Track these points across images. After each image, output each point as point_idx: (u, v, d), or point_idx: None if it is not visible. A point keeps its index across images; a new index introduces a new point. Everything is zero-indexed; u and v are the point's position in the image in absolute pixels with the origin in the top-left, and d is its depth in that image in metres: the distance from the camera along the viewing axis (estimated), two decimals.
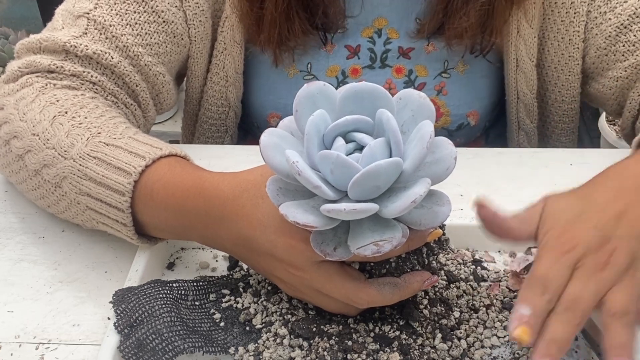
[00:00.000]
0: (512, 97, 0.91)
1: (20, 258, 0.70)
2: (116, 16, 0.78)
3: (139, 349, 0.56)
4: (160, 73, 0.82)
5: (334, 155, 0.47)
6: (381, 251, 0.49)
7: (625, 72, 0.83)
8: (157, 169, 0.63)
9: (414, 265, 0.56)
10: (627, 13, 0.82)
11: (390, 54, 0.88)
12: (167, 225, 0.63)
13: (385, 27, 0.86)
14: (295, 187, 0.52)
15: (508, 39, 0.86)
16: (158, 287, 0.61)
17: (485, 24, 0.82)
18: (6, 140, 0.71)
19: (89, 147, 0.66)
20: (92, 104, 0.72)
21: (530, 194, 0.76)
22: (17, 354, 0.60)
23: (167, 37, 0.82)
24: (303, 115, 0.51)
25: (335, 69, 0.88)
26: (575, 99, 0.92)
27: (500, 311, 0.61)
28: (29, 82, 0.75)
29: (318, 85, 0.51)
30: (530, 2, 0.83)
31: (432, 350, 0.57)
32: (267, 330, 0.59)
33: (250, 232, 0.57)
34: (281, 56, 0.86)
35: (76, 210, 0.67)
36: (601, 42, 0.84)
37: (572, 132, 0.97)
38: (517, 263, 0.66)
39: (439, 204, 0.51)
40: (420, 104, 0.51)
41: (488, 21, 0.82)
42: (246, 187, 0.58)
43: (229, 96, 0.91)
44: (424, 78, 0.88)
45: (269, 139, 0.51)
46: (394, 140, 0.48)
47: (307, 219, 0.48)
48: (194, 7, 0.83)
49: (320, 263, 0.54)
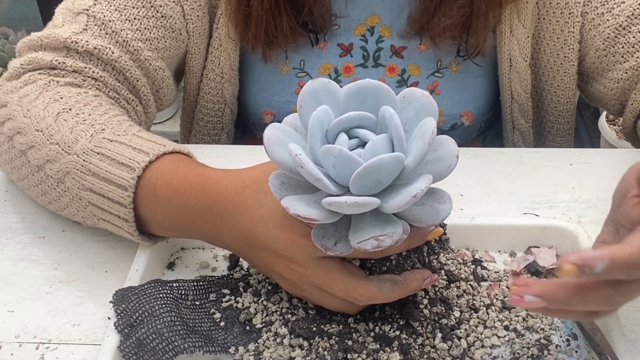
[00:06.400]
0: (506, 97, 0.91)
1: (21, 258, 0.70)
2: (115, 12, 0.79)
3: (139, 348, 0.56)
4: (160, 68, 0.83)
5: (336, 149, 0.47)
6: (382, 246, 0.49)
7: (626, 73, 0.83)
8: (161, 166, 0.64)
9: (414, 264, 0.56)
10: (626, 14, 0.82)
11: (383, 52, 0.88)
12: (169, 221, 0.63)
13: (378, 24, 0.86)
14: (297, 181, 0.52)
15: (501, 38, 0.86)
16: (158, 286, 0.61)
17: (465, 23, 0.82)
18: (9, 136, 0.71)
19: (92, 143, 0.66)
20: (96, 102, 0.73)
21: (530, 194, 0.76)
22: (17, 354, 0.60)
23: (166, 32, 0.83)
24: (307, 111, 0.51)
25: (328, 66, 0.88)
26: (570, 100, 0.92)
27: (500, 311, 0.62)
28: (31, 79, 0.75)
29: (322, 81, 0.52)
30: (523, 3, 0.83)
31: (432, 349, 0.57)
32: (267, 329, 0.59)
33: (252, 228, 0.57)
34: (270, 53, 0.87)
35: (78, 206, 0.67)
36: (600, 44, 0.84)
37: (567, 133, 0.97)
38: (517, 263, 0.66)
39: (440, 201, 0.51)
40: (423, 103, 0.51)
41: (468, 21, 0.82)
42: (249, 184, 0.58)
43: (224, 93, 0.91)
44: (417, 77, 0.89)
45: (272, 133, 0.51)
46: (397, 136, 0.48)
47: (309, 212, 0.49)
48: (191, 2, 0.83)
49: (321, 259, 0.54)
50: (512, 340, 0.59)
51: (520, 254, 0.68)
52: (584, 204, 0.74)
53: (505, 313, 0.61)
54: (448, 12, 0.80)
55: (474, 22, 0.82)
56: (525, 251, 0.68)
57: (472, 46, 0.85)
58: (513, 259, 0.67)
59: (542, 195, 0.76)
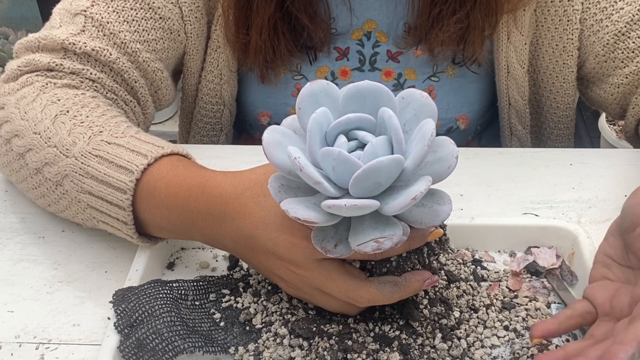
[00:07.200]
0: (504, 103, 0.91)
1: (20, 258, 0.70)
2: (113, 13, 0.79)
3: (139, 348, 0.56)
4: (159, 69, 0.83)
5: (335, 151, 0.47)
6: (381, 248, 0.49)
7: (626, 78, 0.83)
8: (160, 168, 0.64)
9: (414, 265, 0.56)
10: (625, 20, 0.82)
11: (379, 57, 0.88)
12: (168, 223, 0.63)
13: (375, 30, 0.86)
14: (297, 184, 0.52)
15: (498, 45, 0.86)
16: (158, 287, 0.61)
17: (462, 36, 0.83)
18: (7, 139, 0.71)
19: (91, 145, 0.66)
20: (93, 103, 0.72)
21: (530, 194, 0.76)
22: (17, 354, 0.60)
23: (164, 33, 0.83)
24: (306, 113, 0.51)
25: (324, 70, 0.88)
26: (570, 106, 0.93)
27: (500, 311, 0.62)
28: (29, 81, 0.75)
29: (321, 83, 0.51)
30: (520, 10, 0.83)
31: (432, 350, 0.57)
32: (267, 330, 0.59)
33: (251, 230, 0.57)
34: (268, 75, 0.87)
35: (77, 208, 0.67)
36: (599, 50, 0.84)
37: (567, 139, 0.97)
38: (517, 263, 0.66)
39: (439, 202, 0.51)
40: (422, 104, 0.51)
41: (465, 34, 0.82)
42: (248, 186, 0.58)
43: (223, 94, 0.91)
44: (413, 81, 0.89)
45: (271, 136, 0.51)
46: (396, 138, 0.48)
47: (309, 215, 0.48)
48: (189, 4, 0.83)
49: (321, 261, 0.54)
50: (512, 340, 0.59)
51: (520, 254, 0.68)
52: (584, 204, 0.74)
53: (505, 313, 0.61)
54: (445, 26, 0.81)
55: (471, 34, 0.82)
56: (525, 251, 0.68)
57: (469, 56, 0.85)
58: (513, 259, 0.67)
59: (542, 195, 0.76)
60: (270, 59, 0.84)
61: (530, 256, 0.67)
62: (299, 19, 0.81)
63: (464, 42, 0.83)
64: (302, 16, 0.80)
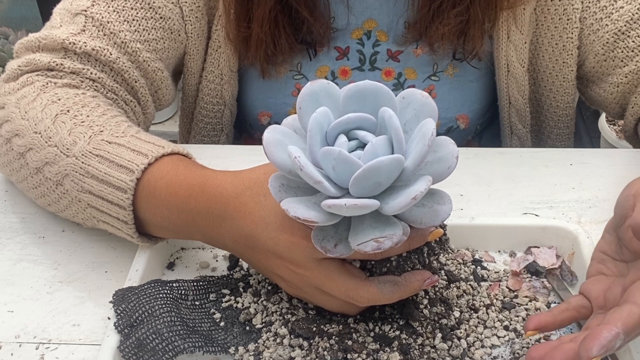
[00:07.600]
0: (504, 102, 0.91)
1: (20, 258, 0.70)
2: (114, 13, 0.79)
3: (139, 348, 0.56)
4: (159, 69, 0.83)
5: (336, 151, 0.47)
6: (381, 248, 0.49)
7: (626, 77, 0.83)
8: (160, 167, 0.64)
9: (414, 265, 0.56)
10: (624, 19, 0.82)
11: (379, 56, 0.88)
12: (169, 223, 0.63)
13: (375, 29, 0.86)
14: (297, 183, 0.52)
15: (498, 44, 0.86)
16: (158, 287, 0.61)
17: (463, 29, 0.83)
18: (7, 139, 0.71)
19: (91, 145, 0.66)
20: (94, 103, 0.72)
21: (530, 194, 0.76)
22: (17, 354, 0.60)
23: (165, 33, 0.83)
24: (306, 113, 0.51)
25: (324, 69, 0.88)
26: (570, 105, 0.93)
27: (500, 311, 0.62)
28: (29, 81, 0.75)
29: (322, 83, 0.52)
30: (520, 9, 0.84)
31: (432, 350, 0.57)
32: (267, 330, 0.59)
33: (252, 229, 0.57)
34: (269, 70, 0.88)
35: (77, 208, 0.67)
36: (599, 49, 0.84)
37: (567, 138, 0.97)
38: (517, 263, 0.66)
39: (440, 202, 0.51)
40: (422, 103, 0.51)
41: (465, 28, 0.82)
42: (249, 185, 0.58)
43: (224, 94, 0.91)
44: (413, 81, 0.89)
45: (271, 136, 0.51)
46: (396, 138, 0.48)
47: (309, 215, 0.48)
48: (190, 4, 0.83)
49: (321, 260, 0.54)
50: (512, 340, 0.59)
51: (520, 254, 0.68)
52: (584, 204, 0.74)
53: (505, 313, 0.61)
54: (445, 19, 0.81)
55: (471, 28, 0.82)
56: (525, 251, 0.68)
57: (469, 50, 0.85)
58: (513, 259, 0.67)
59: (542, 195, 0.76)
60: (272, 53, 0.84)
61: (530, 256, 0.67)
62: (299, 12, 0.81)
63: (464, 36, 0.83)
64: (301, 9, 0.81)
